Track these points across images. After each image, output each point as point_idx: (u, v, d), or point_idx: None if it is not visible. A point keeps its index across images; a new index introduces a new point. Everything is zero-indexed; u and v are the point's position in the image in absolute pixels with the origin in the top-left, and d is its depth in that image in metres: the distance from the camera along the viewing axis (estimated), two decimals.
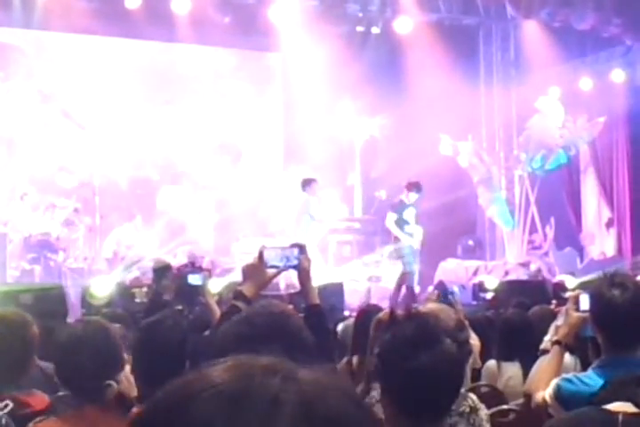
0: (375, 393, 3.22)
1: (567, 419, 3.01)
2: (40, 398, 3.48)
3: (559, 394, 3.40)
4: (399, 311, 2.76)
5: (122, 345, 3.31)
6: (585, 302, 3.65)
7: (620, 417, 2.77)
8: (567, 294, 10.20)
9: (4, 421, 3.13)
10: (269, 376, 0.93)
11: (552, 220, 16.43)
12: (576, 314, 3.72)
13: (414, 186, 13.73)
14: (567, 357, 4.09)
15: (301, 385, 0.93)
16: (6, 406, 3.41)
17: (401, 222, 13.64)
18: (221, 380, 0.93)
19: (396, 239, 13.73)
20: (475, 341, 5.62)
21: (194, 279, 5.62)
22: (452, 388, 2.62)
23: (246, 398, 0.91)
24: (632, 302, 3.35)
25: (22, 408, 3.34)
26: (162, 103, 16.44)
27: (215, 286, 8.58)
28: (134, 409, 3.10)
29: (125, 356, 3.36)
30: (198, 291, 5.60)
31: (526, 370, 5.49)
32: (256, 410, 0.90)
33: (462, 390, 3.77)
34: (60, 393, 3.79)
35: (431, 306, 3.55)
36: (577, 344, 3.93)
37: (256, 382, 0.92)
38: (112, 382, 3.09)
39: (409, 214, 13.72)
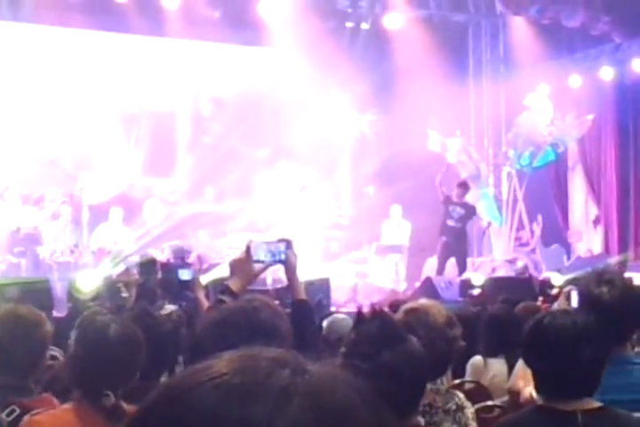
0: None
1: (518, 418, 3.01)
2: (48, 402, 3.36)
3: None
4: (365, 310, 2.75)
5: (143, 353, 3.13)
6: (576, 298, 3.66)
7: (580, 417, 2.77)
8: (554, 291, 10.26)
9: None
10: (278, 368, 0.91)
11: (539, 217, 16.45)
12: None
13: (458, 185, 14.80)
14: None
15: (311, 378, 0.91)
16: (12, 411, 3.34)
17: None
18: (227, 370, 0.91)
19: None
20: None
21: (184, 274, 5.62)
22: (416, 386, 2.61)
23: (254, 388, 0.88)
24: (620, 299, 3.36)
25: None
26: (151, 98, 16.36)
27: (202, 280, 8.56)
28: (125, 405, 3.07)
29: None
30: (187, 286, 5.60)
31: (511, 366, 5.48)
32: (264, 401, 0.87)
33: (448, 387, 3.77)
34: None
35: (422, 301, 3.52)
36: None
37: (264, 374, 0.90)
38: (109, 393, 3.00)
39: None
